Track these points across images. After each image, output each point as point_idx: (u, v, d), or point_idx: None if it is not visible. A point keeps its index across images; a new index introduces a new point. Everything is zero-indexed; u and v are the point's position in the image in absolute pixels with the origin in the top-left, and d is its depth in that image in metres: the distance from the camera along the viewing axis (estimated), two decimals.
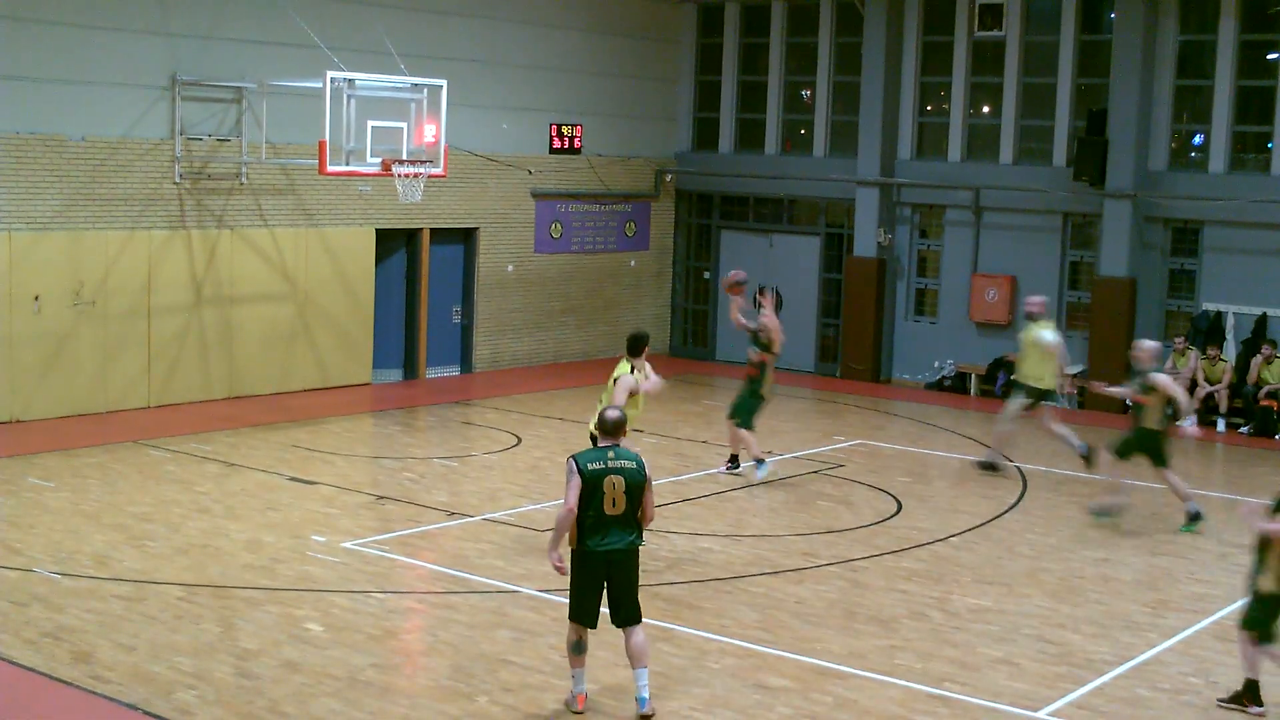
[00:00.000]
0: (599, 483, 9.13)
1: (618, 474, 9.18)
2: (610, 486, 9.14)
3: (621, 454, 9.28)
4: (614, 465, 9.20)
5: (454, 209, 22.63)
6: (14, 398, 17.70)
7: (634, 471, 9.23)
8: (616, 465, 9.20)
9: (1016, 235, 23.29)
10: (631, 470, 9.22)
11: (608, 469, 9.18)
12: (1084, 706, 9.74)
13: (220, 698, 9.28)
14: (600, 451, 9.32)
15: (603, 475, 9.15)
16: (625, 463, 9.22)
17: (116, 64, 18.39)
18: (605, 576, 9.23)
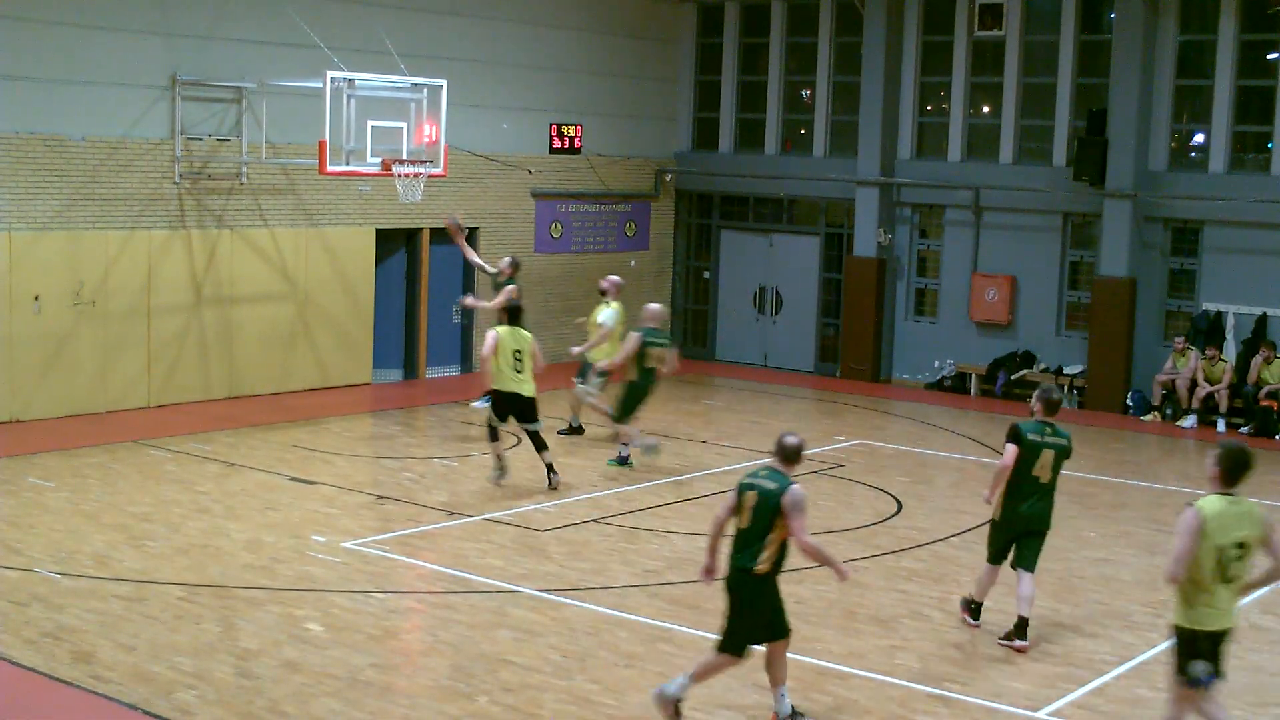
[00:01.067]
0: (741, 495, 8.99)
1: (753, 490, 8.94)
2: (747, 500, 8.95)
3: (775, 475, 8.97)
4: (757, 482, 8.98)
5: (454, 209, 22.60)
6: (14, 398, 17.71)
7: (770, 493, 8.88)
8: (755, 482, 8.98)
9: (1016, 235, 23.29)
10: (768, 490, 8.90)
11: (751, 483, 8.99)
12: (1084, 706, 9.75)
13: (220, 698, 9.28)
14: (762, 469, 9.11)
15: (745, 489, 9.00)
16: (766, 483, 8.92)
17: (116, 64, 18.40)
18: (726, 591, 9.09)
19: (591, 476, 16.19)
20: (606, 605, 11.48)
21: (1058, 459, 10.99)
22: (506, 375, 15.17)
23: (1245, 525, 8.09)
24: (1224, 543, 8.02)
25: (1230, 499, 8.11)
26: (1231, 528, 8.04)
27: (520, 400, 15.24)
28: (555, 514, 14.41)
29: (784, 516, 8.78)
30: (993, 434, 19.91)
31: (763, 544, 8.84)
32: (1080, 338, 22.74)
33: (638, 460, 16.74)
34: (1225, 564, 8.05)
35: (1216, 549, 8.00)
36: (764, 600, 9.00)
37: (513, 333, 15.28)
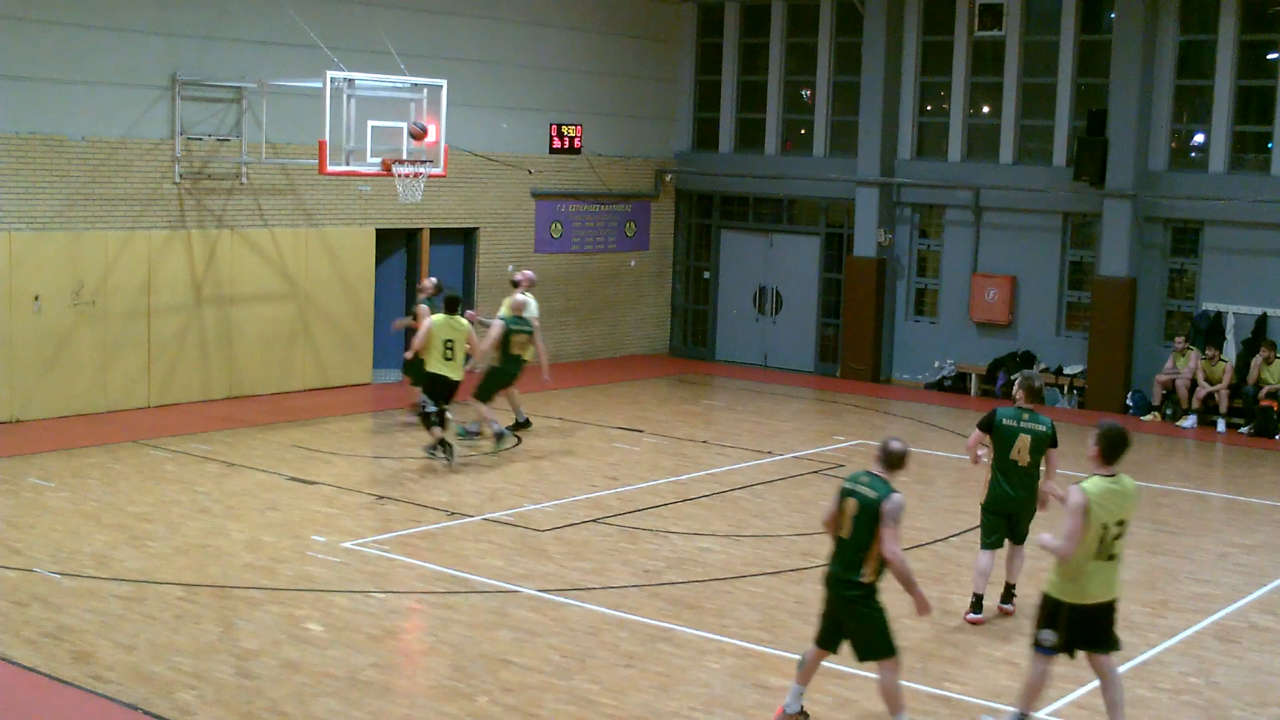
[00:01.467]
0: (841, 501, 8.84)
1: (853, 497, 8.74)
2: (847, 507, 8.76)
3: (876, 482, 8.73)
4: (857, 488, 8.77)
5: (454, 209, 22.64)
6: (14, 398, 17.71)
7: (870, 501, 8.65)
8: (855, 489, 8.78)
9: (1016, 235, 23.29)
10: (868, 498, 8.67)
11: (852, 489, 8.79)
12: (1084, 706, 9.75)
13: (220, 698, 9.28)
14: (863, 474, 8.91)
15: (845, 495, 8.82)
16: (867, 490, 8.71)
17: (116, 64, 18.40)
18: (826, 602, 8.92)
19: (591, 477, 16.19)
20: (606, 605, 11.48)
21: (1035, 444, 11.17)
22: (436, 360, 16.14)
23: (1126, 504, 8.59)
24: (1107, 521, 8.48)
25: (1111, 479, 8.59)
26: (1113, 507, 8.52)
27: (447, 383, 16.26)
28: (555, 514, 14.42)
29: (881, 523, 8.53)
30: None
31: (864, 554, 8.61)
32: (1080, 338, 22.74)
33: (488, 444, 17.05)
34: (1106, 541, 8.53)
35: (1101, 527, 8.47)
36: (872, 611, 8.73)
37: (448, 322, 16.19)
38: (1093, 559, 8.52)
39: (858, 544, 8.63)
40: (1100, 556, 8.53)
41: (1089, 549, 8.48)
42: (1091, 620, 8.69)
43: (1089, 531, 8.45)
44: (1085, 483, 8.56)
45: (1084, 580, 8.57)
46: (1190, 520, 15.33)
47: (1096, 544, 8.49)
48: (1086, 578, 8.57)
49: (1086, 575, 8.55)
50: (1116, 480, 8.61)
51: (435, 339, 16.10)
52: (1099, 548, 8.51)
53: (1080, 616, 8.65)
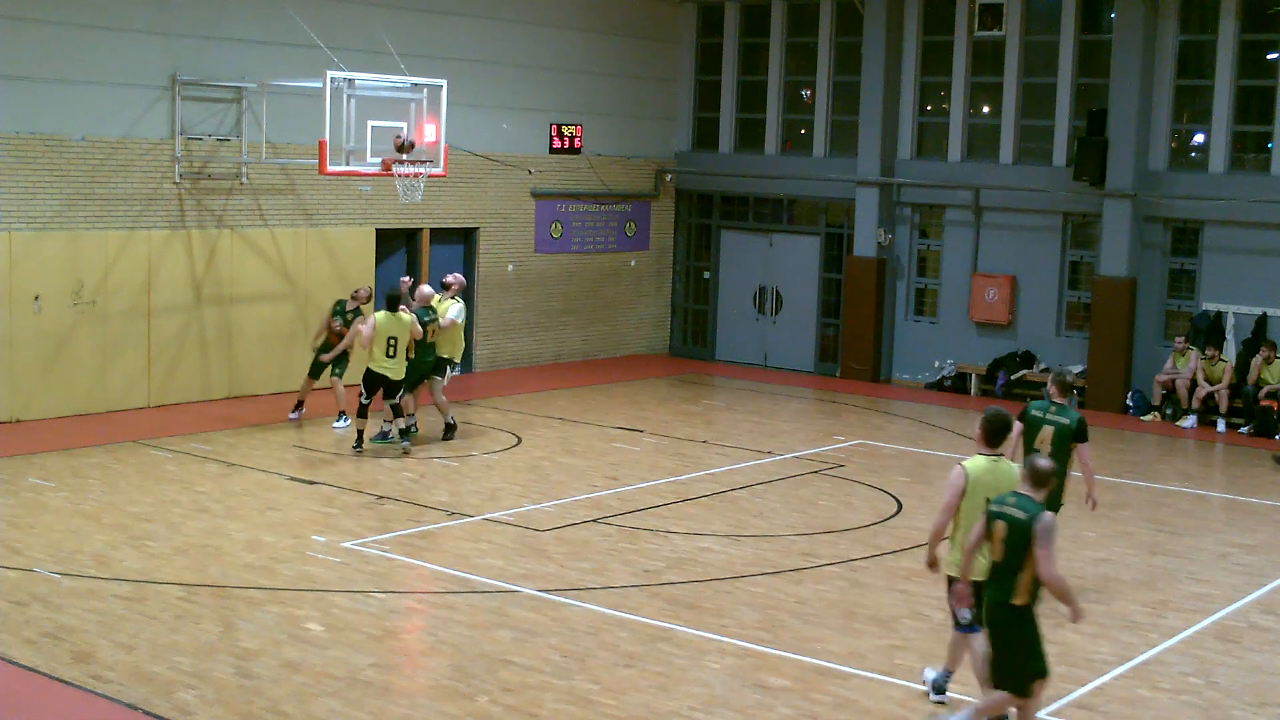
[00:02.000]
0: (990, 524, 8.55)
1: (1002, 520, 8.45)
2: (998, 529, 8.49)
3: (1024, 502, 8.43)
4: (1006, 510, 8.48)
5: (454, 209, 22.64)
6: (14, 398, 17.71)
7: (1021, 522, 8.35)
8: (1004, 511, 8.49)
9: (1016, 235, 23.29)
10: (1018, 520, 8.37)
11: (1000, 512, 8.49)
12: (1084, 706, 9.75)
13: (220, 698, 9.28)
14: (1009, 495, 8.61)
15: (993, 518, 8.52)
16: (1016, 511, 8.40)
17: (116, 64, 18.40)
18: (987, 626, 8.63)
19: (591, 477, 16.19)
20: (606, 605, 11.48)
21: (1057, 436, 11.43)
22: (378, 358, 16.59)
23: (1004, 483, 9.06)
24: (989, 496, 8.94)
25: (992, 459, 9.24)
26: (992, 484, 9.09)
27: (387, 381, 16.72)
28: (555, 514, 14.42)
29: (1033, 545, 8.28)
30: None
31: (1019, 576, 8.34)
32: (1080, 338, 22.74)
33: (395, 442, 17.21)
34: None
35: (984, 501, 8.93)
36: (1025, 633, 8.48)
37: (391, 319, 16.58)
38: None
39: (1012, 566, 8.37)
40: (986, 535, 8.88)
41: (970, 525, 8.99)
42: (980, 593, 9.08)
43: (973, 507, 9.02)
44: (966, 461, 9.24)
45: (977, 555, 9.01)
46: (1190, 520, 15.34)
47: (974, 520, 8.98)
48: (979, 554, 8.98)
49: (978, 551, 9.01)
50: (997, 461, 9.25)
51: (380, 335, 16.51)
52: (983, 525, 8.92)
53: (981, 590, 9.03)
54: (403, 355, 16.69)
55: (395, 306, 16.63)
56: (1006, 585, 8.38)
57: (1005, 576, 8.39)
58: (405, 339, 16.66)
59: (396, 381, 16.76)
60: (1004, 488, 8.99)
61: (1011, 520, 8.36)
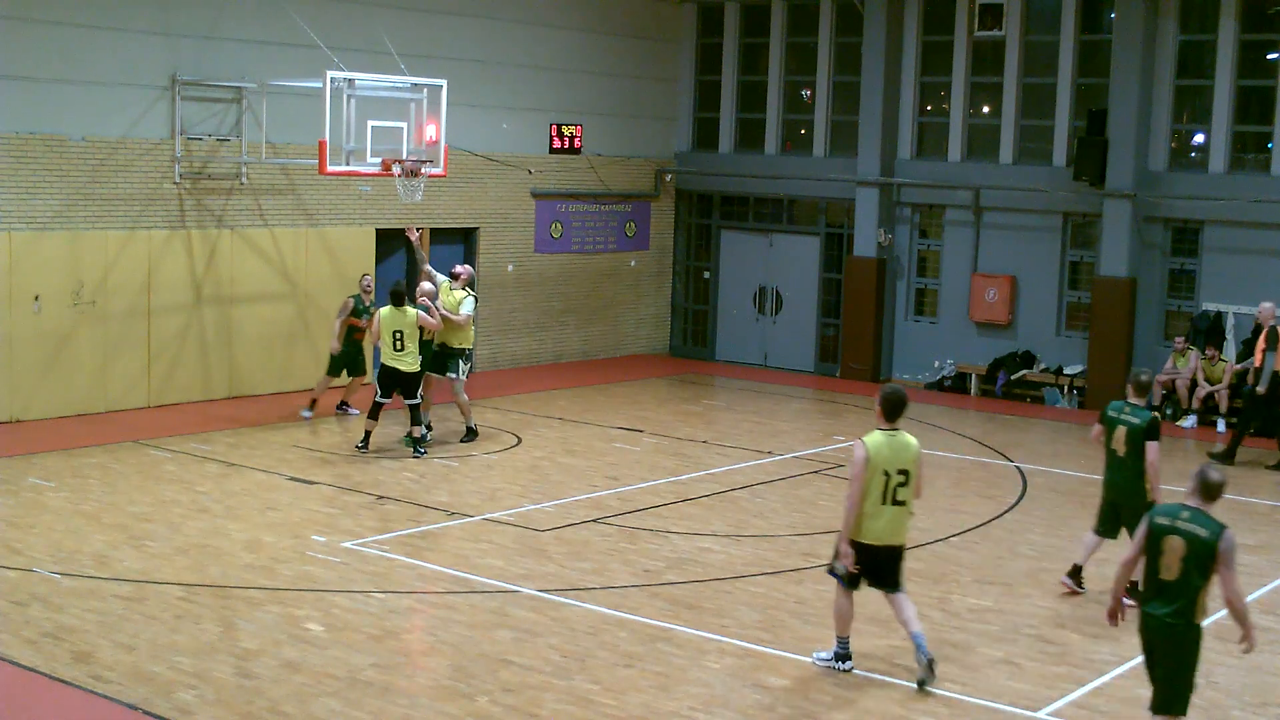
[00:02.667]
0: (1160, 540, 8.13)
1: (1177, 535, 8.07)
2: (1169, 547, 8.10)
3: (1201, 518, 8.05)
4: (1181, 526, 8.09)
5: (454, 209, 22.64)
6: (14, 398, 17.71)
7: (1204, 541, 7.98)
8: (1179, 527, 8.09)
9: (1016, 235, 23.29)
10: (1200, 538, 7.99)
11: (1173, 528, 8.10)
12: (1084, 706, 9.75)
13: (220, 698, 9.28)
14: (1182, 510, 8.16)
15: (1165, 533, 8.12)
16: (1195, 528, 8.02)
17: (116, 64, 18.40)
18: (1147, 647, 8.34)
19: (591, 477, 16.20)
20: (606, 605, 11.48)
21: (1130, 435, 11.82)
22: (387, 353, 16.59)
23: (904, 455, 9.85)
24: (888, 469, 9.80)
25: (890, 434, 9.90)
26: (892, 457, 9.83)
27: (400, 375, 16.64)
28: (555, 514, 14.42)
29: (1217, 564, 7.94)
30: (993, 434, 19.93)
31: (1196, 596, 8.02)
32: (1080, 338, 22.74)
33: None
34: (890, 488, 9.82)
35: (883, 475, 9.78)
36: (1196, 654, 8.21)
37: (394, 314, 16.61)
38: (879, 503, 9.84)
39: (1189, 585, 7.99)
40: (886, 501, 9.85)
41: (875, 494, 9.81)
42: (875, 559, 9.97)
43: (873, 479, 9.78)
44: (867, 436, 9.91)
45: (870, 521, 9.86)
46: None
47: (881, 490, 9.82)
48: (873, 519, 9.86)
49: (873, 517, 9.87)
50: (895, 435, 9.90)
51: (386, 330, 16.54)
52: (884, 493, 9.83)
53: (865, 554, 9.95)
54: (414, 349, 16.67)
55: (401, 301, 16.67)
56: (1184, 604, 8.02)
57: (1181, 595, 8.01)
58: (412, 332, 16.63)
59: (411, 375, 16.67)
60: (901, 459, 9.81)
61: (1191, 537, 7.97)
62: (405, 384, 16.72)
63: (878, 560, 9.96)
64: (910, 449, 9.89)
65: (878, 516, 9.85)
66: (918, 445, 9.97)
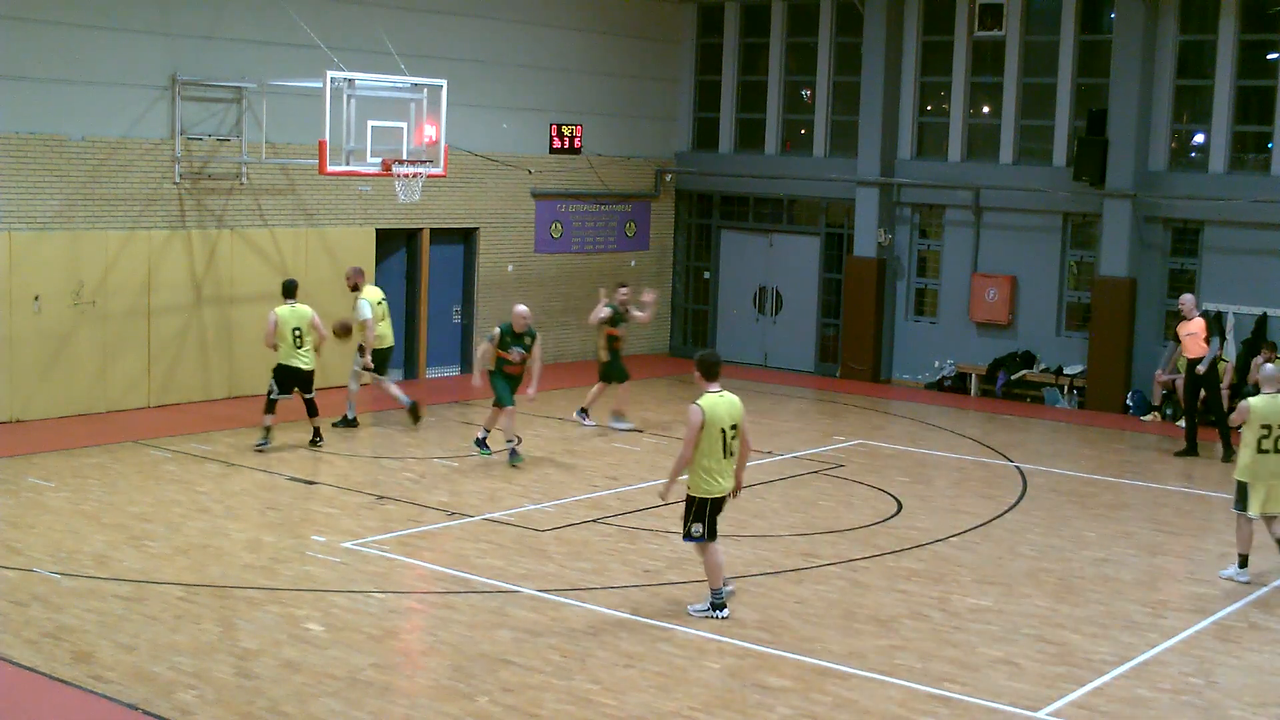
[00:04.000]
0: None
1: None
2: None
3: None
4: None
5: (454, 209, 22.64)
6: (14, 398, 17.71)
7: None
8: None
9: (1016, 235, 23.29)
10: None
11: None
12: (1084, 706, 9.75)
13: (220, 698, 9.28)
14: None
15: None
16: None
17: (116, 64, 18.40)
18: None
19: (592, 477, 16.19)
20: (606, 605, 11.48)
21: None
22: (286, 350, 16.66)
23: (733, 411, 10.96)
24: (723, 426, 10.85)
25: (718, 394, 11.01)
26: (724, 414, 10.90)
27: (300, 373, 16.77)
28: (555, 514, 14.42)
29: None
30: (993, 434, 19.92)
31: None
32: (1080, 338, 22.74)
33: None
34: (726, 443, 10.90)
35: (720, 432, 10.84)
36: None
37: (292, 311, 16.71)
38: (721, 458, 10.88)
39: None
40: (726, 456, 10.90)
41: (715, 451, 10.84)
42: (718, 509, 11.06)
43: (711, 437, 10.79)
44: (700, 399, 10.92)
45: (715, 477, 10.90)
46: (1190, 520, 15.33)
47: (720, 446, 10.86)
48: (717, 474, 10.90)
49: (717, 473, 10.91)
50: (721, 395, 10.99)
51: (284, 327, 16.59)
52: (722, 448, 10.87)
53: (714, 506, 11.01)
54: (311, 346, 16.80)
55: (293, 295, 16.79)
56: None
57: None
58: (309, 330, 16.71)
59: (308, 372, 16.78)
60: (732, 415, 10.91)
61: None
62: (303, 381, 16.78)
63: (718, 510, 11.06)
64: (736, 405, 11.03)
65: (723, 472, 10.92)
66: (740, 401, 11.08)
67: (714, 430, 10.83)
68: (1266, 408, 12.77)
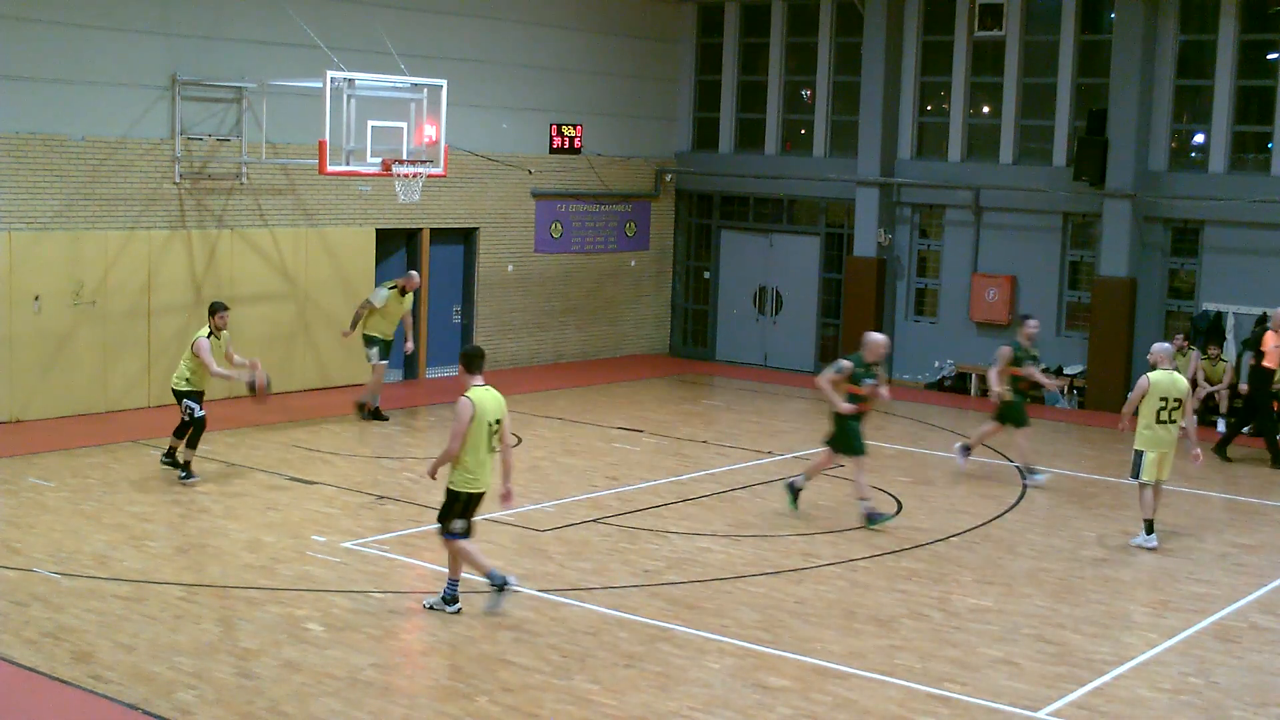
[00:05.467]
0: None
1: None
2: None
3: None
4: None
5: (454, 209, 22.64)
6: (14, 398, 17.71)
7: None
8: None
9: (1016, 235, 23.29)
10: None
11: None
12: (1084, 706, 9.75)
13: (220, 698, 9.28)
14: None
15: None
16: None
17: (116, 64, 18.40)
18: None
19: (592, 477, 16.19)
20: (606, 605, 11.48)
21: None
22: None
23: (497, 407, 10.82)
24: (490, 420, 10.73)
25: (486, 388, 10.86)
26: (490, 408, 10.77)
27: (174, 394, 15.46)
28: (555, 514, 14.42)
29: None
30: None
31: None
32: (1080, 338, 22.73)
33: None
34: (490, 439, 10.74)
35: (487, 426, 10.71)
36: None
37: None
38: (484, 454, 10.77)
39: None
40: (489, 450, 10.82)
41: (483, 445, 10.73)
42: (477, 505, 10.96)
43: (479, 430, 10.66)
44: (469, 393, 10.79)
45: (480, 472, 10.80)
46: (1190, 520, 15.34)
47: (485, 441, 10.74)
48: (481, 470, 10.79)
49: (481, 469, 10.80)
50: (487, 389, 10.87)
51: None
52: (487, 444, 10.76)
53: (474, 502, 10.90)
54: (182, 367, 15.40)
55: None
56: None
57: None
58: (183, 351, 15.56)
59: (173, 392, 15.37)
60: (497, 409, 10.82)
61: None
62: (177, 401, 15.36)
63: (477, 505, 10.98)
64: (500, 399, 10.96)
65: (487, 465, 10.83)
66: (503, 398, 11.04)
67: (481, 423, 10.74)
68: (1163, 382, 13.88)
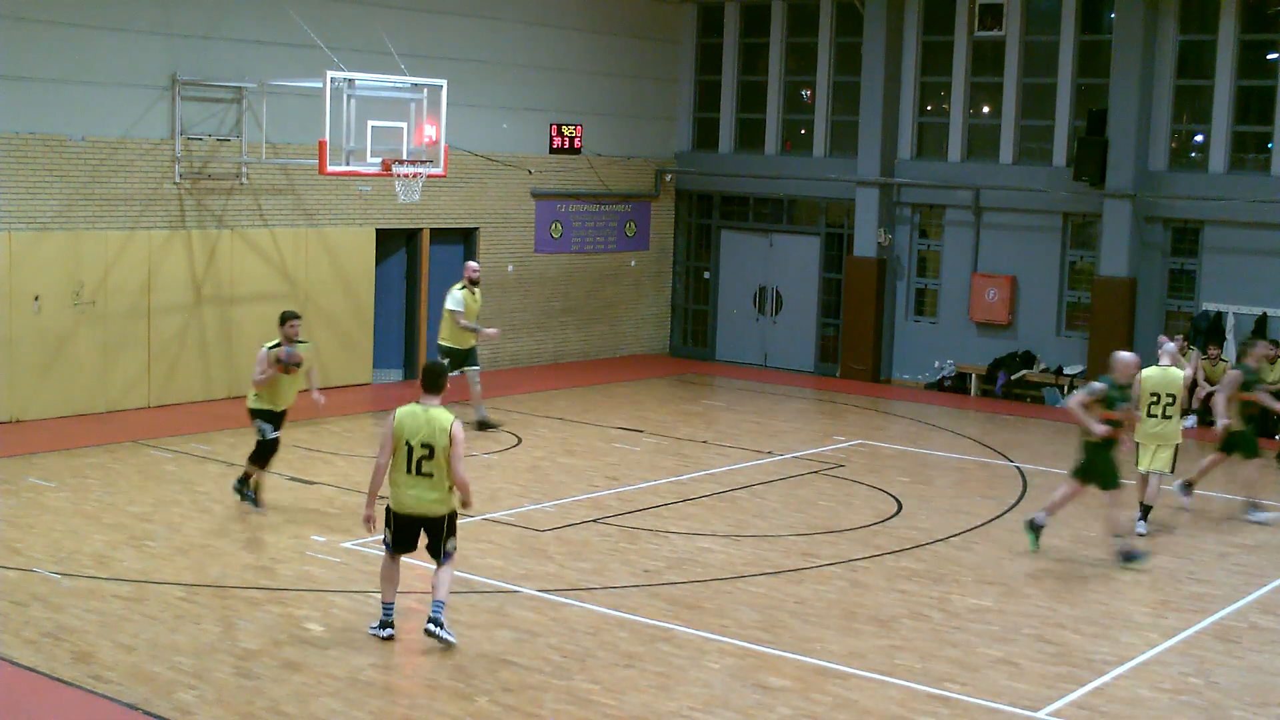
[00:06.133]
0: None
1: None
2: None
3: None
4: None
5: (454, 209, 22.63)
6: (14, 398, 17.70)
7: None
8: None
9: (1016, 235, 23.29)
10: None
11: None
12: (1084, 706, 9.75)
13: (220, 698, 9.28)
14: None
15: None
16: None
17: (116, 64, 18.40)
18: None
19: (592, 477, 16.19)
20: (606, 605, 11.48)
21: None
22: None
23: (430, 429, 10.13)
24: (411, 440, 10.14)
25: (423, 407, 10.24)
26: (416, 429, 10.14)
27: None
28: (555, 514, 14.42)
29: None
30: (992, 434, 19.93)
31: None
32: (1080, 338, 22.74)
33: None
34: (414, 459, 10.16)
35: (406, 446, 10.13)
36: None
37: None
38: (405, 473, 10.20)
39: None
40: (411, 472, 10.18)
41: (400, 464, 10.19)
42: (408, 529, 10.34)
43: (399, 449, 10.16)
44: (399, 409, 10.28)
45: (397, 491, 10.27)
46: (1190, 520, 15.33)
47: (405, 460, 10.17)
48: (401, 489, 10.24)
49: (402, 487, 10.24)
50: (426, 409, 10.22)
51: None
52: (408, 464, 10.16)
53: (398, 522, 10.34)
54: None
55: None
56: None
57: None
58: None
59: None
60: (425, 432, 10.11)
61: None
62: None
63: (414, 530, 10.36)
64: (436, 424, 10.15)
65: (406, 486, 10.21)
66: (450, 422, 10.18)
67: (399, 442, 10.17)
68: (1154, 377, 14.37)
